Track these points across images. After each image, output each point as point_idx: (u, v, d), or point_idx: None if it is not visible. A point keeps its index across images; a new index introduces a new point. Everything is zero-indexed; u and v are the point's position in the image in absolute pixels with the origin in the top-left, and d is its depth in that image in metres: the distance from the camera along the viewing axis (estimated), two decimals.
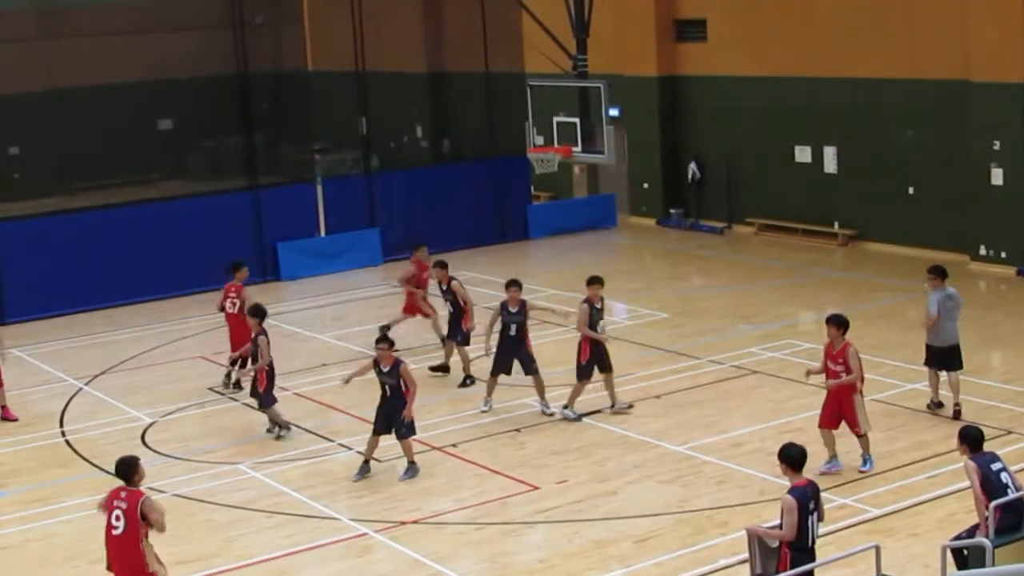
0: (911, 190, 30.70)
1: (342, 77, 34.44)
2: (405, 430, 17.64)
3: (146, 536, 12.75)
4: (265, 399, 19.69)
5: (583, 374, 19.71)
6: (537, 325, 22.82)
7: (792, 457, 12.43)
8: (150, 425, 20.67)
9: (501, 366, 20.13)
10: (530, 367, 20.03)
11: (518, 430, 19.51)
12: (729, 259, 31.82)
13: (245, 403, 21.11)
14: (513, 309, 19.90)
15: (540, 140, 32.16)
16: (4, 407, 21.26)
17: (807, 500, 12.12)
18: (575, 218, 36.05)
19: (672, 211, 36.31)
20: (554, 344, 23.07)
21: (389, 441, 17.99)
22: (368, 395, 21.51)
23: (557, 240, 34.84)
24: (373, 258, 32.39)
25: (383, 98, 34.70)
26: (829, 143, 32.46)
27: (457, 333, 21.99)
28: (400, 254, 32.52)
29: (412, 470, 17.79)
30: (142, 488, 12.96)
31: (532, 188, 36.57)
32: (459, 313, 21.98)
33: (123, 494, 12.81)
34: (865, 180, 31.66)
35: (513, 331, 19.88)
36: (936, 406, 19.41)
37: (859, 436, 17.16)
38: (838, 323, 17.04)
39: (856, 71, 31.37)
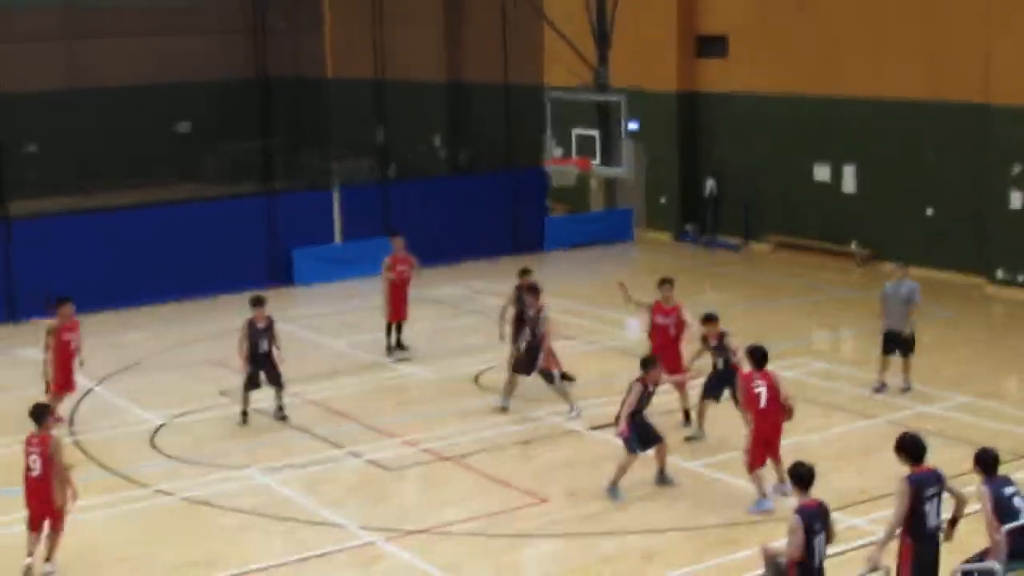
0: (929, 211, 30.62)
1: (361, 85, 34.47)
2: None
3: (57, 475, 14.83)
4: None
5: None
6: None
7: (801, 476, 12.33)
8: (160, 427, 20.65)
9: (712, 393, 19.45)
10: None
11: (528, 442, 19.46)
12: (745, 276, 31.73)
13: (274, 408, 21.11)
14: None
15: (559, 152, 32.12)
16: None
17: (813, 520, 12.01)
18: (591, 231, 36.00)
19: (689, 227, 36.26)
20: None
21: (399, 450, 17.93)
22: (380, 402, 21.53)
23: (573, 253, 34.76)
24: None
25: (401, 107, 34.72)
26: (848, 162, 32.39)
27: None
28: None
29: None
30: (51, 432, 15.05)
31: (548, 200, 36.50)
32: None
33: (35, 441, 14.89)
34: (883, 200, 31.58)
35: (721, 364, 19.19)
36: (883, 387, 21.37)
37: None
38: (750, 354, 16.73)
39: (877, 91, 31.31)
